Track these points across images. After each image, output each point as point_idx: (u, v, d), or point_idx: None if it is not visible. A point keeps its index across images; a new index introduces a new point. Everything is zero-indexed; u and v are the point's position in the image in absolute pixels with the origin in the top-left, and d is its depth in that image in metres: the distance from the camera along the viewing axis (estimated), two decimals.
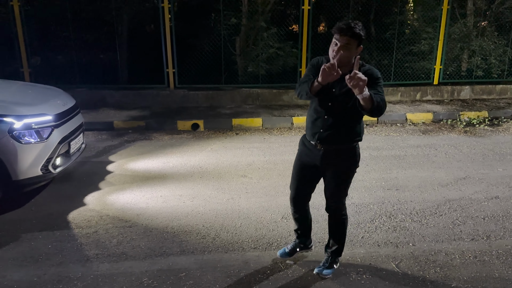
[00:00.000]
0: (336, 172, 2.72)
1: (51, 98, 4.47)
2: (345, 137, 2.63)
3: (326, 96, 2.53)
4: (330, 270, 2.90)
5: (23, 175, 3.76)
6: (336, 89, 2.52)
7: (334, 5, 9.08)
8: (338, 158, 2.68)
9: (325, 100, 2.56)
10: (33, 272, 2.93)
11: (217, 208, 3.98)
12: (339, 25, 2.39)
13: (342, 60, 2.40)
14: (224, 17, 8.52)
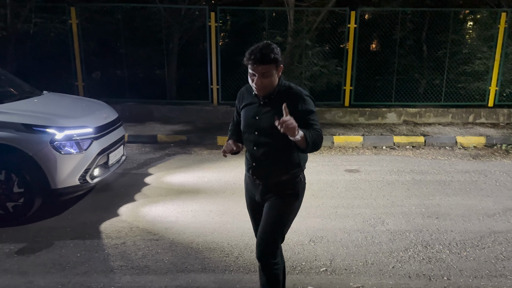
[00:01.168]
0: (270, 208, 2.33)
1: (94, 111, 4.70)
2: (281, 168, 2.28)
3: (251, 126, 2.28)
4: None
5: (62, 184, 3.94)
6: (260, 116, 2.25)
7: (384, 23, 8.88)
8: (276, 193, 2.32)
9: (251, 130, 2.29)
10: (59, 279, 3.03)
11: (244, 226, 3.92)
12: (251, 56, 2.12)
13: (266, 87, 2.18)
14: (270, 35, 8.60)
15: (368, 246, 3.56)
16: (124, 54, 8.95)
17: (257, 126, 2.26)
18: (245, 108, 2.34)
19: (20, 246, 3.51)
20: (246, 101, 2.34)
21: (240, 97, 2.42)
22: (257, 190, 2.38)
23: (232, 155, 2.44)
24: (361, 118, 8.24)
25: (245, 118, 2.33)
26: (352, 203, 4.51)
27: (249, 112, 2.31)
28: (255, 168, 2.32)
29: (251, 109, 2.30)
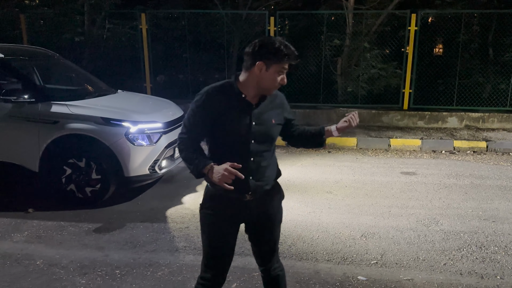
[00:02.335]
0: (271, 218, 2.20)
1: (162, 108, 5.12)
2: (274, 174, 2.16)
3: (245, 134, 1.97)
4: None
5: (133, 172, 4.36)
6: (258, 122, 1.99)
7: (446, 26, 8.66)
8: (270, 201, 2.16)
9: (245, 139, 1.97)
10: (131, 255, 3.40)
11: (297, 219, 4.11)
12: (287, 51, 1.89)
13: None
14: (328, 38, 8.72)
15: (420, 244, 3.60)
16: (187, 58, 9.49)
17: (255, 133, 1.98)
18: (228, 115, 1.94)
19: (96, 225, 3.96)
20: (226, 106, 1.94)
21: (209, 102, 1.93)
22: (245, 208, 2.07)
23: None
24: (420, 121, 8.09)
25: (233, 126, 1.95)
26: (406, 204, 4.53)
27: (239, 119, 1.96)
28: (253, 183, 2.01)
29: (241, 115, 1.96)
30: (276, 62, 1.90)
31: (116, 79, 9.17)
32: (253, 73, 1.94)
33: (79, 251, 3.45)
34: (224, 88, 1.98)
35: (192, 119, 1.96)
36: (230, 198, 2.01)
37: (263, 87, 1.96)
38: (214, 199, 2.04)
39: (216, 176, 1.83)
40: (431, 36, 9.71)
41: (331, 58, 8.88)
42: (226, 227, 2.07)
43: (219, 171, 1.82)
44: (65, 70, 5.61)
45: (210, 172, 1.86)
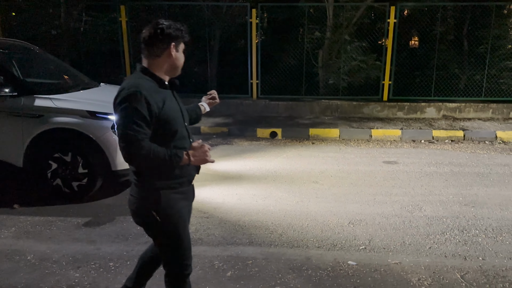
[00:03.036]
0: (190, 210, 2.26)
1: None
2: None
3: (182, 119, 2.03)
4: None
5: (121, 166, 4.32)
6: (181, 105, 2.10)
7: (423, 18, 8.88)
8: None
9: (183, 124, 2.04)
10: (123, 247, 3.41)
11: (286, 209, 4.19)
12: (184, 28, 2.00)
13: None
14: (309, 31, 8.80)
15: (405, 229, 3.73)
16: None
17: (185, 116, 2.08)
18: (167, 106, 1.93)
19: (86, 219, 3.93)
20: (161, 98, 1.91)
21: (148, 100, 1.83)
22: (192, 191, 2.17)
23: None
24: (399, 112, 8.30)
25: (174, 115, 1.97)
26: (390, 191, 4.67)
27: (174, 107, 1.99)
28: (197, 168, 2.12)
29: (172, 103, 1.99)
30: (182, 40, 2.01)
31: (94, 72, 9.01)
32: (165, 57, 1.96)
33: (70, 245, 3.42)
34: (149, 81, 1.94)
35: (138, 120, 1.81)
36: (185, 191, 2.04)
37: (178, 67, 2.02)
38: (177, 198, 2.00)
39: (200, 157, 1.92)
40: (408, 28, 9.93)
41: (313, 51, 8.97)
42: (185, 215, 2.08)
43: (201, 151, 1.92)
44: (46, 64, 5.48)
45: (187, 159, 1.90)
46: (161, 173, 1.94)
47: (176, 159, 1.88)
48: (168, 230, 2.00)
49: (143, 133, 1.82)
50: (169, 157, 1.86)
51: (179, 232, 2.02)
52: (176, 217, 2.00)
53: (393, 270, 3.06)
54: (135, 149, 1.81)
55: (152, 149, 1.83)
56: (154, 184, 1.94)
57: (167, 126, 1.91)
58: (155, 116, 1.85)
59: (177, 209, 2.00)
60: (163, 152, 1.85)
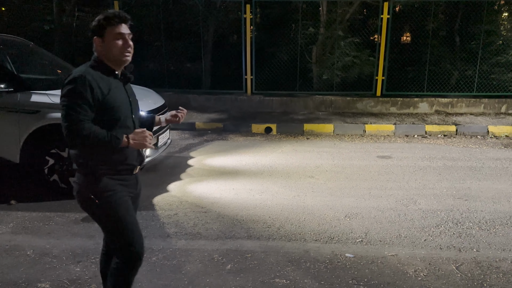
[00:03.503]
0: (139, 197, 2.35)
1: (143, 97, 5.09)
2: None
3: (128, 109, 2.10)
4: None
5: None
6: (130, 95, 2.17)
7: (416, 14, 8.95)
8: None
9: (129, 114, 2.10)
10: None
11: (283, 203, 4.23)
12: (113, 17, 1.99)
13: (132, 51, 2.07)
14: (302, 26, 8.83)
15: (401, 222, 3.80)
16: (161, 46, 9.38)
17: (133, 108, 2.14)
18: (112, 94, 2.00)
19: (84, 215, 3.91)
20: (107, 85, 1.99)
21: (92, 85, 1.92)
22: (135, 181, 2.21)
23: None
24: (392, 107, 8.38)
25: (119, 103, 2.02)
26: (385, 185, 4.74)
27: (121, 96, 2.06)
28: (141, 154, 2.21)
29: (119, 93, 2.06)
30: (108, 27, 1.99)
31: None
32: (98, 51, 2.04)
33: (70, 240, 3.44)
34: (96, 68, 2.02)
35: (80, 102, 1.90)
36: (126, 177, 2.12)
37: (113, 57, 2.03)
38: (114, 185, 2.06)
39: (139, 141, 1.99)
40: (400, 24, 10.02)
41: (306, 47, 9.01)
42: (127, 201, 2.13)
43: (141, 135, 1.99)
44: (41, 59, 5.45)
45: (126, 142, 1.97)
46: (100, 159, 2.02)
47: (116, 140, 1.95)
48: (109, 213, 2.06)
49: (85, 115, 1.91)
50: (109, 138, 1.93)
51: (119, 216, 2.07)
52: (114, 201, 2.06)
53: (390, 262, 3.13)
54: (76, 129, 1.89)
55: (93, 131, 1.91)
56: (93, 170, 2.02)
57: (110, 113, 1.99)
58: (98, 101, 1.94)
59: (116, 193, 2.06)
60: (103, 134, 1.93)
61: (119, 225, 2.08)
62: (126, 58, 2.05)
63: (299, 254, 3.25)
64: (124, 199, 2.10)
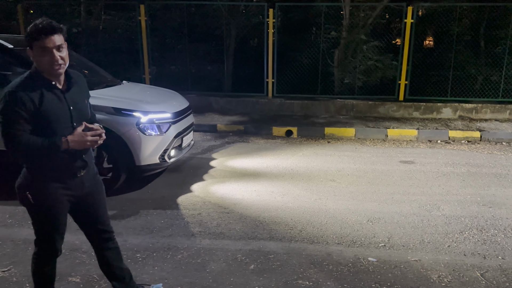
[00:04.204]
0: (101, 192, 2.45)
1: (169, 99, 5.22)
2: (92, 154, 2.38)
3: (66, 120, 2.12)
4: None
5: (144, 161, 4.46)
6: (72, 103, 2.16)
7: (440, 19, 8.85)
8: (94, 180, 2.38)
9: (67, 124, 2.12)
10: (149, 240, 3.53)
11: (305, 206, 4.26)
12: (38, 29, 1.95)
13: (65, 62, 2.05)
14: (325, 30, 8.85)
15: (424, 228, 3.79)
16: (184, 49, 9.53)
17: (74, 116, 2.14)
18: (46, 104, 2.03)
19: (111, 212, 4.05)
20: (39, 96, 2.02)
21: (23, 98, 1.97)
22: (80, 184, 2.25)
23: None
24: (415, 112, 8.30)
25: (55, 113, 2.06)
26: (407, 191, 4.72)
27: (57, 107, 2.08)
28: (88, 159, 2.26)
29: (56, 103, 2.08)
30: (34, 41, 1.97)
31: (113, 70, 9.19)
32: (34, 59, 2.05)
33: None
34: (30, 80, 2.04)
35: (14, 118, 1.97)
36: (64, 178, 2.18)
37: (44, 70, 2.04)
38: (48, 185, 2.15)
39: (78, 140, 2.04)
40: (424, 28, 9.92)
41: (328, 50, 9.02)
42: (62, 204, 2.23)
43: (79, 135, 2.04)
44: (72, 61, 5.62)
45: (66, 143, 2.03)
46: (42, 164, 2.12)
47: (54, 145, 2.02)
48: (40, 210, 2.21)
49: (20, 129, 1.98)
50: (47, 145, 2.01)
51: (47, 214, 2.22)
52: (49, 202, 2.18)
53: (413, 267, 3.12)
54: (13, 143, 1.99)
55: (30, 142, 1.99)
56: (35, 173, 2.14)
57: (45, 124, 2.04)
58: (31, 113, 1.99)
59: (52, 195, 2.17)
60: (41, 142, 2.01)
61: (44, 219, 2.24)
62: (56, 71, 2.04)
63: (322, 256, 3.27)
64: (59, 204, 2.21)
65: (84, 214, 2.41)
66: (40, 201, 2.17)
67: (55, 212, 2.22)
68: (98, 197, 2.42)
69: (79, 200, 2.29)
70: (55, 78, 2.09)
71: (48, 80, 2.08)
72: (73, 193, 2.24)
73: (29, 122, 2.00)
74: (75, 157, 2.17)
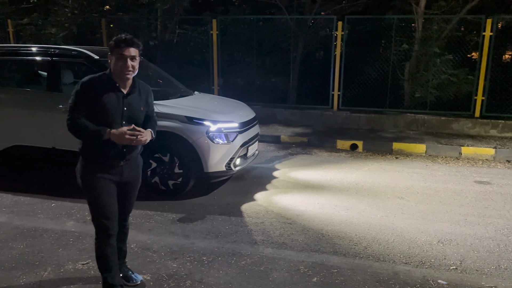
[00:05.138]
0: (136, 186, 2.84)
1: (237, 110, 5.38)
2: (139, 149, 2.80)
3: (118, 116, 2.56)
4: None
5: (212, 168, 4.63)
6: (127, 106, 2.59)
7: None
8: (136, 168, 2.79)
9: (118, 120, 2.56)
10: (214, 244, 3.64)
11: (370, 222, 4.16)
12: (120, 41, 2.45)
13: (135, 70, 2.53)
14: (395, 43, 8.62)
15: (500, 253, 3.53)
16: (251, 62, 9.77)
17: (126, 116, 2.58)
18: (105, 100, 2.50)
19: (180, 216, 4.26)
20: (102, 92, 2.49)
21: (89, 89, 2.49)
22: (120, 171, 2.65)
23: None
24: (493, 130, 7.76)
25: (109, 109, 2.51)
26: (483, 213, 4.43)
27: (114, 104, 2.53)
28: (128, 152, 2.64)
29: (114, 101, 2.53)
30: (116, 48, 2.46)
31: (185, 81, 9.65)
32: (110, 65, 2.52)
33: (168, 238, 3.74)
34: (101, 78, 2.54)
35: (78, 102, 2.49)
36: (107, 164, 2.59)
37: (116, 73, 2.51)
38: (94, 168, 2.58)
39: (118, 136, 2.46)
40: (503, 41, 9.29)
41: (399, 63, 8.76)
42: (107, 184, 2.62)
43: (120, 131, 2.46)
44: (150, 72, 6.03)
45: (108, 134, 2.47)
46: (90, 149, 2.57)
47: (98, 133, 2.46)
48: (88, 192, 2.62)
49: (79, 112, 2.48)
50: (94, 130, 2.47)
51: (94, 195, 2.60)
52: (94, 184, 2.59)
53: None
54: (71, 122, 2.49)
55: (84, 124, 2.48)
56: (85, 156, 2.61)
57: (99, 115, 2.50)
58: (92, 103, 2.48)
59: (96, 179, 2.58)
60: (91, 127, 2.48)
61: (94, 200, 2.62)
62: (125, 75, 2.51)
63: (388, 275, 3.17)
64: (103, 187, 2.61)
65: (118, 199, 2.73)
66: (87, 183, 2.60)
67: (100, 194, 2.60)
68: (132, 188, 2.81)
69: (118, 185, 2.68)
70: (122, 82, 2.55)
71: (114, 82, 2.54)
72: (113, 178, 2.64)
73: (89, 109, 2.48)
74: (116, 149, 2.57)
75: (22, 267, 3.22)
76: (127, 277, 2.99)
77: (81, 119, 2.48)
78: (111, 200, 2.66)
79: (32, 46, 5.25)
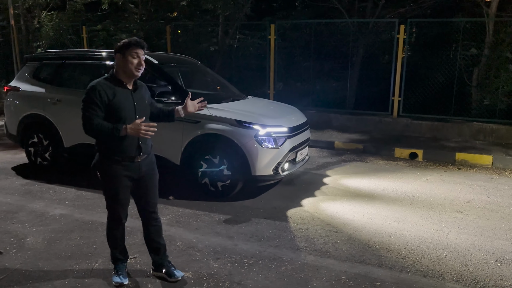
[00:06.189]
0: (154, 180, 3.00)
1: (287, 114, 5.38)
2: (151, 143, 2.96)
3: (132, 112, 2.75)
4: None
5: (259, 172, 4.67)
6: (137, 101, 2.80)
7: None
8: (151, 163, 2.96)
9: (132, 116, 2.74)
10: (257, 247, 3.66)
11: (422, 236, 3.94)
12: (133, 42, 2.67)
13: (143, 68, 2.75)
14: (463, 47, 8.12)
15: None
16: (309, 66, 9.70)
17: (138, 111, 2.78)
18: (117, 99, 2.69)
19: (226, 217, 4.34)
20: (112, 92, 2.68)
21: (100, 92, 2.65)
22: (137, 167, 2.83)
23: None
24: None
25: (122, 107, 2.70)
26: None
27: (125, 102, 2.73)
28: (142, 147, 2.82)
29: (124, 99, 2.73)
30: (130, 48, 2.66)
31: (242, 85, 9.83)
32: (117, 66, 2.72)
33: (212, 238, 3.83)
34: (107, 80, 2.72)
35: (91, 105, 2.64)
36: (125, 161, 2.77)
37: (127, 71, 2.70)
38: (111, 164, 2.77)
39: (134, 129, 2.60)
40: None
41: (466, 69, 8.23)
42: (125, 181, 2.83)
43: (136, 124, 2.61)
44: (205, 76, 6.23)
45: (124, 130, 2.62)
46: (108, 147, 2.74)
47: (116, 129, 2.62)
48: (106, 186, 2.85)
49: (95, 114, 2.64)
50: (112, 127, 2.63)
51: (111, 189, 2.84)
52: (112, 179, 2.80)
53: None
54: (88, 123, 2.64)
55: (100, 124, 2.63)
56: (103, 153, 2.79)
57: (114, 113, 2.68)
58: (105, 103, 2.65)
59: (114, 174, 2.78)
60: (107, 125, 2.64)
61: (111, 196, 2.87)
62: (137, 72, 2.72)
63: None
64: (121, 182, 2.80)
65: (139, 194, 2.96)
66: (106, 178, 2.82)
67: (117, 187, 2.83)
68: (151, 183, 2.98)
69: (136, 181, 2.87)
70: (128, 80, 2.77)
71: (122, 81, 2.75)
72: (131, 174, 2.83)
73: (102, 110, 2.66)
74: (133, 143, 2.77)
75: (76, 257, 3.46)
76: (169, 273, 3.10)
77: (97, 120, 2.65)
78: (126, 195, 2.89)
79: (99, 51, 5.65)
